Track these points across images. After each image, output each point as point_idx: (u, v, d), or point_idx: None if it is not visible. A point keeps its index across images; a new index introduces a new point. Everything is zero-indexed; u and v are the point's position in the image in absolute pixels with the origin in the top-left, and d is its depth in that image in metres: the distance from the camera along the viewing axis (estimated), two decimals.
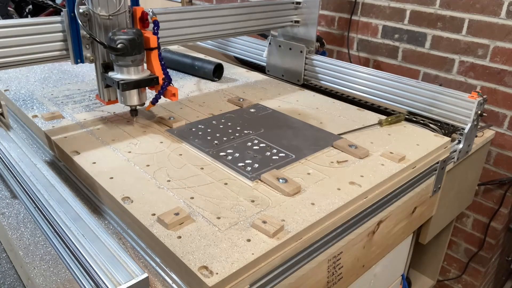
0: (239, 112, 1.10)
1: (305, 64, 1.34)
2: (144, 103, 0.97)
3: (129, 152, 0.87)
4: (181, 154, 0.87)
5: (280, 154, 0.88)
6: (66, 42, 0.88)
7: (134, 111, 0.98)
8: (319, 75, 1.32)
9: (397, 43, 1.58)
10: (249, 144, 0.92)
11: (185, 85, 1.31)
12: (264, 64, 1.47)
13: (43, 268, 0.64)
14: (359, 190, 0.78)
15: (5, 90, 1.19)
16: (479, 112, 1.05)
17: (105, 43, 0.86)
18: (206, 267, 0.58)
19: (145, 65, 0.93)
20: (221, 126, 1.00)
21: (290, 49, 1.36)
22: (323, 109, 1.15)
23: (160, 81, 0.93)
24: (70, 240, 0.53)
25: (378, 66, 1.68)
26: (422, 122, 1.13)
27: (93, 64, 0.92)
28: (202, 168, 0.82)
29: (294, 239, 0.66)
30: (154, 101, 0.98)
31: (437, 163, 0.98)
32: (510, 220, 1.56)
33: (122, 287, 0.46)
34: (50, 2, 2.42)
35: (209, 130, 0.98)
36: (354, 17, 1.67)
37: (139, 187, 0.75)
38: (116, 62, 0.89)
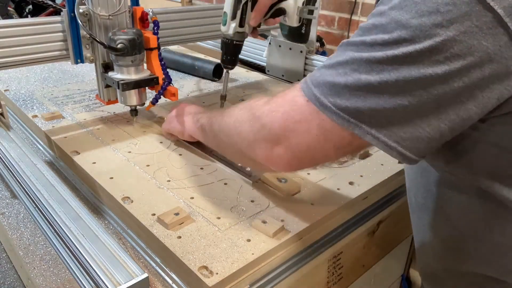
0: None
1: (305, 64, 1.34)
2: (144, 103, 0.97)
3: (129, 152, 0.87)
4: (181, 154, 0.87)
5: None
6: (66, 42, 0.88)
7: (134, 111, 0.98)
8: None
9: None
10: None
11: (185, 85, 1.31)
12: (264, 64, 1.47)
13: (43, 268, 0.64)
14: (359, 190, 0.78)
15: (5, 90, 1.19)
16: None
17: (105, 43, 0.86)
18: (206, 267, 0.58)
19: (145, 65, 0.94)
20: None
21: (290, 49, 1.36)
22: None
23: (160, 81, 0.93)
24: (70, 240, 0.53)
25: None
26: None
27: (93, 64, 0.92)
28: (202, 168, 0.82)
29: (294, 239, 0.66)
30: (154, 101, 0.98)
31: None
32: None
33: (122, 287, 0.46)
34: (50, 2, 2.43)
35: None
36: (354, 17, 1.67)
37: (139, 187, 0.75)
38: (116, 62, 0.89)
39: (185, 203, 0.71)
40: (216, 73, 1.36)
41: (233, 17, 0.89)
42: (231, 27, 0.90)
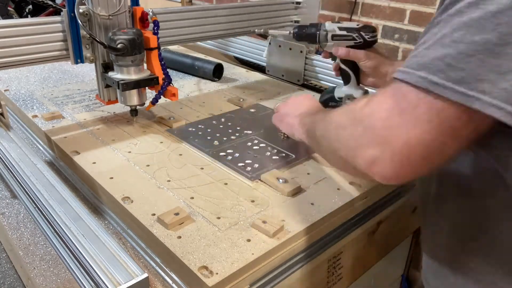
0: (239, 112, 1.10)
1: (305, 64, 1.34)
2: (144, 103, 0.97)
3: (129, 152, 0.87)
4: (181, 154, 0.87)
5: (280, 154, 0.88)
6: (66, 42, 0.88)
7: (134, 111, 0.98)
8: (319, 75, 1.32)
9: (397, 43, 1.58)
10: (249, 144, 0.92)
11: (185, 85, 1.31)
12: (264, 64, 1.47)
13: (43, 268, 0.64)
14: (359, 190, 0.78)
15: (5, 90, 1.19)
16: None
17: (105, 43, 0.86)
18: (206, 267, 0.58)
19: (145, 65, 0.94)
20: (221, 126, 1.00)
21: (290, 49, 1.36)
22: None
23: (160, 81, 0.93)
24: (70, 240, 0.53)
25: None
26: None
27: (93, 64, 0.92)
28: (202, 168, 0.82)
29: (294, 239, 0.66)
30: (154, 101, 0.98)
31: None
32: None
33: (122, 287, 0.47)
34: (50, 2, 2.43)
35: (209, 130, 0.98)
36: (354, 17, 1.67)
37: (139, 187, 0.75)
38: (116, 62, 0.89)
39: (185, 203, 0.71)
40: (216, 73, 1.36)
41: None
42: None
